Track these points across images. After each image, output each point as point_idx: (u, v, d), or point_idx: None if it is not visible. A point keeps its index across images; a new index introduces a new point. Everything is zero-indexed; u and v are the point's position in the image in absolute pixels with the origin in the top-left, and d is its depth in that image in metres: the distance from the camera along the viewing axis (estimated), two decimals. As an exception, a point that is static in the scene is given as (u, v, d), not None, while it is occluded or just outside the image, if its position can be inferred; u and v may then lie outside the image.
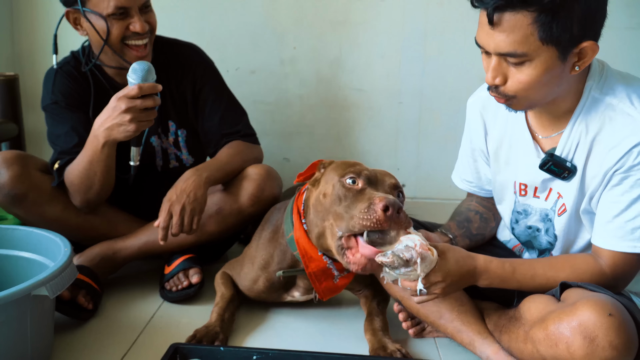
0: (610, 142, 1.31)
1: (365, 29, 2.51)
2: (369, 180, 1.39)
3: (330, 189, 1.41)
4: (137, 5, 1.77)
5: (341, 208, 1.36)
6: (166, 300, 1.83)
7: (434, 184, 2.66)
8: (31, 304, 1.29)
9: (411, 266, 1.24)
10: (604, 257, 1.35)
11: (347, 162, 1.46)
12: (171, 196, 1.73)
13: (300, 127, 2.64)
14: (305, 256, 1.51)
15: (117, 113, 1.61)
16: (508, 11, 1.20)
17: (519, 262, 1.38)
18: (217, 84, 2.01)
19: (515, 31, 1.21)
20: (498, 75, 1.29)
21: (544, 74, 1.25)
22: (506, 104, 1.35)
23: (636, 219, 1.29)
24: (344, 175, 1.39)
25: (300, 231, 1.52)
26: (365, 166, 1.45)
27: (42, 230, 1.60)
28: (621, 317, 1.14)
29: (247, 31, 2.54)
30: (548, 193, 1.48)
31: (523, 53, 1.23)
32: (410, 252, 1.24)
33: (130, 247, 1.88)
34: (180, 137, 2.00)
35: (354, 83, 2.57)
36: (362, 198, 1.33)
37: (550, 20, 1.18)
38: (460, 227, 1.65)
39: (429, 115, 2.58)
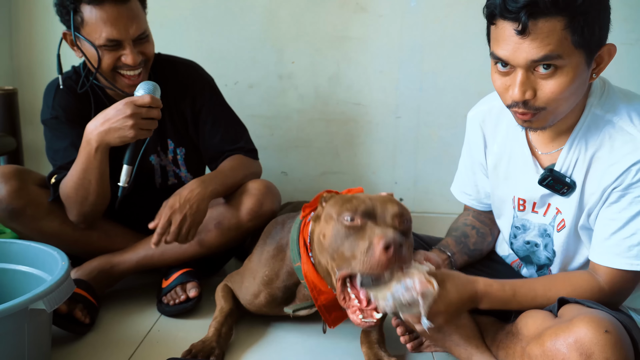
0: (609, 160, 1.31)
1: (363, 45, 2.53)
2: (368, 214, 1.32)
3: (330, 229, 1.35)
4: (131, 37, 1.73)
5: (344, 248, 1.30)
6: (163, 314, 1.82)
7: (432, 198, 2.67)
8: (28, 318, 1.29)
9: (413, 307, 1.24)
10: (602, 274, 1.35)
11: (345, 197, 1.39)
12: (174, 203, 1.73)
13: (298, 141, 2.65)
14: (315, 289, 1.48)
15: (121, 116, 1.61)
16: (541, 18, 1.19)
17: (519, 283, 1.38)
18: (217, 102, 2.01)
19: (549, 36, 1.20)
20: (527, 89, 1.27)
21: (574, 80, 1.25)
22: (532, 119, 1.32)
23: (633, 236, 1.30)
24: (341, 213, 1.32)
25: (308, 264, 1.48)
26: (364, 197, 1.38)
27: (40, 244, 1.60)
28: (617, 334, 1.14)
29: (246, 46, 2.55)
30: (547, 208, 1.48)
31: (559, 55, 1.21)
32: (410, 293, 1.22)
33: (127, 261, 1.88)
34: (179, 155, 2.00)
35: (352, 98, 2.59)
36: (362, 236, 1.27)
37: (582, 24, 1.19)
38: (458, 243, 1.65)
39: (427, 130, 2.59)
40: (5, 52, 2.59)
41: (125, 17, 1.71)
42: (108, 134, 1.64)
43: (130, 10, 1.72)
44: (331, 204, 1.40)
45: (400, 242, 1.22)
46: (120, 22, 1.70)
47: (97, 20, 1.69)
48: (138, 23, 1.74)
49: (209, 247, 1.87)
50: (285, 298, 1.66)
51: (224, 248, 1.91)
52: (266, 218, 1.85)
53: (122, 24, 1.71)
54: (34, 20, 2.59)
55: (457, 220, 1.76)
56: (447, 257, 1.60)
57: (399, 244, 1.22)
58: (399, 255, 1.23)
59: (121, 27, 1.71)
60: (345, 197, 1.40)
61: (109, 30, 1.70)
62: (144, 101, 1.63)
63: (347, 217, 1.31)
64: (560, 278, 1.40)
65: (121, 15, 1.70)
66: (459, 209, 1.84)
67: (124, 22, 1.71)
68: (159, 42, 2.52)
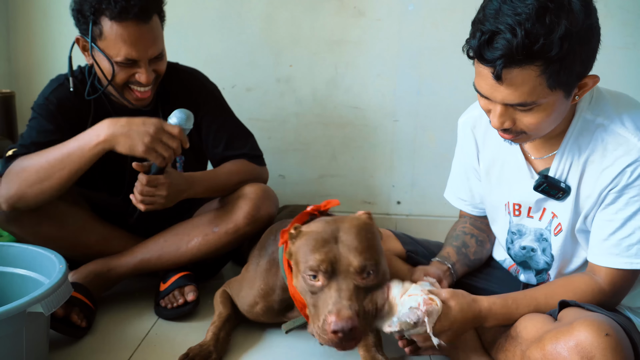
0: (603, 163, 1.32)
1: (361, 48, 2.53)
2: (331, 272, 1.30)
3: (299, 278, 1.38)
4: (148, 57, 1.73)
5: (309, 302, 1.35)
6: (161, 317, 1.82)
7: (429, 202, 2.67)
8: (26, 321, 1.29)
9: (419, 326, 1.25)
10: (601, 274, 1.36)
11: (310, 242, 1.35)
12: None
13: (296, 145, 2.65)
14: (304, 308, 1.46)
15: (143, 129, 1.60)
16: (516, 67, 1.19)
17: (521, 295, 1.38)
18: (221, 110, 2.00)
19: (523, 85, 1.21)
20: (506, 120, 1.30)
21: (552, 113, 1.27)
22: (513, 139, 1.36)
23: (631, 236, 1.31)
24: (305, 270, 1.33)
25: (293, 288, 1.46)
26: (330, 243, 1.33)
27: (37, 247, 1.60)
28: (617, 337, 1.15)
29: (244, 49, 2.56)
30: (542, 213, 1.49)
31: (532, 102, 1.24)
32: (415, 314, 1.25)
33: (125, 265, 1.87)
34: (178, 162, 1.99)
35: (349, 101, 2.59)
36: (324, 300, 1.29)
37: (557, 69, 1.19)
38: (459, 253, 1.65)
39: (424, 134, 2.60)
40: (3, 55, 2.59)
41: (146, 38, 1.70)
42: (122, 137, 1.61)
43: (151, 30, 1.71)
44: (299, 246, 1.38)
45: (350, 327, 1.22)
46: (141, 43, 1.69)
47: (117, 37, 1.67)
48: (157, 44, 1.74)
49: (207, 251, 1.86)
50: (283, 308, 1.65)
51: (221, 252, 1.90)
52: (263, 222, 1.84)
53: (142, 45, 1.69)
54: (31, 23, 2.59)
55: (455, 228, 1.76)
56: (448, 269, 1.60)
57: (348, 329, 1.22)
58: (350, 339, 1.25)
59: (141, 47, 1.69)
60: (311, 241, 1.35)
61: (127, 50, 1.68)
62: (172, 130, 1.62)
63: (311, 275, 1.32)
64: (560, 284, 1.40)
65: (142, 35, 1.69)
66: (456, 212, 1.84)
67: (144, 43, 1.69)
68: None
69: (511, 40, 1.16)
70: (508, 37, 1.16)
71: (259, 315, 1.69)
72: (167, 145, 1.62)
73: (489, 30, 1.19)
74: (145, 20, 1.69)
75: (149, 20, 1.70)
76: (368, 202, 2.69)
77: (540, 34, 1.15)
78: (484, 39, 1.20)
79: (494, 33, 1.19)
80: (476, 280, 1.67)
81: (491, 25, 1.19)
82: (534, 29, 1.15)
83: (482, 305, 1.34)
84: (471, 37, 1.25)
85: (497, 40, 1.18)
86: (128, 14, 1.65)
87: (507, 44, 1.17)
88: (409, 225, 2.66)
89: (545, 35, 1.15)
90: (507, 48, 1.17)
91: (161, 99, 1.92)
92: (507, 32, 1.17)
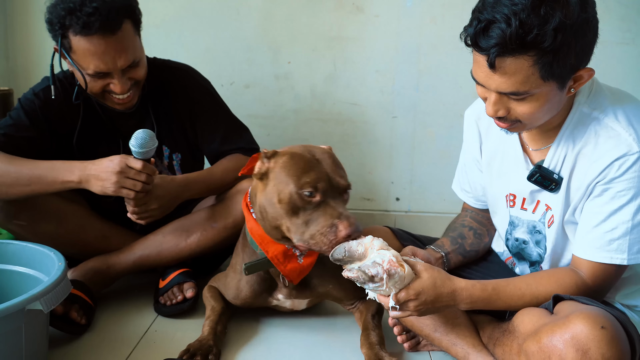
0: (593, 155, 1.33)
1: (359, 45, 2.53)
2: (325, 190, 1.42)
3: (286, 197, 1.42)
4: (119, 68, 1.69)
5: (299, 220, 1.42)
6: (160, 314, 1.82)
7: (428, 198, 2.68)
8: (25, 319, 1.29)
9: (377, 282, 1.25)
10: (584, 268, 1.36)
11: (298, 163, 1.46)
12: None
13: (294, 141, 2.63)
14: (262, 243, 1.54)
15: (109, 170, 1.62)
16: (509, 56, 1.21)
17: (503, 283, 1.38)
18: (215, 106, 2.00)
19: (516, 74, 1.23)
20: (500, 108, 1.32)
21: (545, 104, 1.29)
22: (509, 128, 1.37)
23: (614, 230, 1.31)
24: (302, 186, 1.41)
25: (251, 222, 1.56)
26: (316, 163, 1.46)
27: (37, 244, 1.60)
28: (613, 330, 1.15)
29: (242, 46, 2.55)
30: (536, 205, 1.49)
31: (525, 92, 1.25)
32: (376, 268, 1.25)
33: (124, 262, 1.88)
34: (174, 160, 1.99)
35: (348, 98, 2.59)
36: (323, 212, 1.41)
37: (550, 60, 1.21)
38: (454, 243, 1.66)
39: (423, 130, 2.60)
40: (1, 53, 2.59)
41: (113, 49, 1.66)
42: (93, 179, 1.64)
43: (119, 41, 1.66)
44: (283, 165, 1.46)
45: (359, 231, 1.37)
46: (108, 55, 1.65)
47: (84, 51, 1.65)
48: (127, 54, 1.69)
49: (205, 246, 1.87)
50: (267, 287, 1.67)
51: (220, 247, 1.91)
52: (262, 217, 1.85)
53: (109, 57, 1.66)
54: (30, 21, 2.59)
55: (455, 220, 1.77)
56: (441, 256, 1.60)
57: (357, 233, 1.36)
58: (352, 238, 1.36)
59: (108, 60, 1.66)
60: (297, 162, 1.46)
61: (96, 63, 1.66)
62: (135, 165, 1.62)
63: (307, 192, 1.40)
64: (544, 275, 1.40)
65: (109, 48, 1.65)
66: (456, 208, 1.85)
67: (111, 55, 1.66)
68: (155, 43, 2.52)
69: (505, 30, 1.18)
70: (502, 27, 1.19)
71: (246, 298, 1.70)
72: (135, 180, 1.63)
73: (485, 19, 1.22)
74: (112, 32, 1.64)
75: (116, 31, 1.65)
76: (367, 199, 2.70)
77: (534, 25, 1.17)
78: (480, 27, 1.22)
79: (489, 22, 1.21)
80: (471, 273, 1.67)
81: (488, 14, 1.21)
82: (528, 20, 1.17)
83: (457, 284, 1.33)
84: (469, 25, 1.28)
85: (492, 29, 1.21)
86: (90, 29, 1.61)
87: (502, 33, 1.19)
88: (408, 222, 2.67)
89: (539, 26, 1.17)
90: (501, 37, 1.19)
91: (151, 99, 1.91)
92: (502, 21, 1.19)
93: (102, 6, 1.61)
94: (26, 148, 1.78)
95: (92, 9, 1.60)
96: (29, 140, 1.79)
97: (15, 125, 1.78)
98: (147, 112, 1.90)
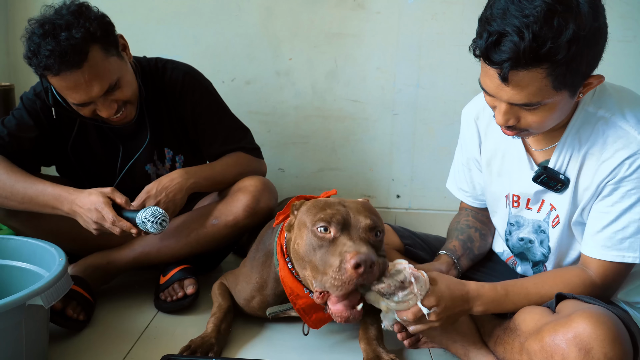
0: (603, 155, 1.32)
1: (360, 42, 2.53)
2: (342, 225, 1.31)
3: (303, 238, 1.35)
4: (97, 96, 1.67)
5: (316, 259, 1.30)
6: (161, 310, 1.82)
7: (428, 195, 2.68)
8: (26, 314, 1.29)
9: (407, 288, 1.25)
10: (594, 267, 1.36)
11: (318, 204, 1.38)
12: (150, 189, 1.73)
13: (295, 138, 2.65)
14: (292, 294, 1.48)
15: (88, 216, 1.64)
16: (522, 69, 1.18)
17: (511, 283, 1.38)
18: (216, 107, 1.99)
19: (529, 86, 1.21)
20: (510, 118, 1.30)
21: (556, 111, 1.27)
22: (517, 135, 1.36)
23: (625, 229, 1.31)
24: (315, 223, 1.32)
25: (284, 270, 1.47)
26: (338, 205, 1.37)
27: (37, 240, 1.60)
28: (616, 329, 1.15)
29: (243, 42, 2.55)
30: (540, 205, 1.49)
31: (538, 102, 1.24)
32: (402, 273, 1.25)
33: (124, 258, 1.87)
34: (177, 162, 1.98)
35: (349, 94, 2.59)
36: (334, 250, 1.27)
37: (564, 72, 1.18)
38: (464, 247, 1.65)
39: (424, 127, 2.60)
40: (2, 49, 2.58)
41: (83, 81, 1.63)
42: (77, 216, 1.67)
43: (89, 71, 1.62)
44: (304, 211, 1.40)
45: (372, 261, 1.22)
46: (80, 87, 1.64)
47: (60, 87, 1.65)
48: (100, 81, 1.65)
49: (206, 243, 1.87)
50: (278, 303, 1.64)
51: (221, 245, 1.91)
52: (263, 215, 1.85)
53: (82, 89, 1.64)
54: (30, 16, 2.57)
55: (458, 220, 1.76)
56: (453, 262, 1.60)
57: (370, 263, 1.22)
58: (371, 274, 1.23)
59: (82, 92, 1.65)
60: (318, 203, 1.38)
61: (73, 96, 1.66)
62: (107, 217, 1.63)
63: (321, 228, 1.30)
64: (552, 275, 1.41)
65: (79, 81, 1.63)
66: (456, 205, 1.84)
67: (83, 87, 1.64)
68: (156, 39, 2.52)
69: (518, 44, 1.15)
70: (515, 40, 1.15)
71: (255, 309, 1.69)
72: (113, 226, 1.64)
73: (496, 32, 1.18)
74: (78, 66, 1.60)
75: (81, 64, 1.60)
76: (367, 196, 2.69)
77: (548, 37, 1.14)
78: (491, 40, 1.18)
79: (501, 35, 1.17)
80: (474, 273, 1.67)
81: (498, 26, 1.17)
82: (541, 32, 1.13)
83: (469, 286, 1.34)
84: (478, 37, 1.23)
85: (504, 43, 1.17)
86: (52, 70, 1.60)
87: (515, 46, 1.15)
88: (408, 219, 2.67)
89: (553, 38, 1.13)
90: (514, 51, 1.16)
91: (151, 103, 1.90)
92: (514, 34, 1.15)
93: (56, 47, 1.57)
94: (29, 147, 1.80)
95: (47, 51, 1.57)
96: (32, 141, 1.81)
97: (18, 125, 1.80)
98: (145, 117, 1.90)
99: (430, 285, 1.29)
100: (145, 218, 1.63)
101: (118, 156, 1.92)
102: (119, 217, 1.63)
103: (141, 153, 1.91)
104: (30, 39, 1.61)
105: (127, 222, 1.64)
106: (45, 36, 1.58)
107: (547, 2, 1.14)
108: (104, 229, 1.66)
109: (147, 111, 1.89)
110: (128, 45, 1.80)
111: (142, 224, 1.63)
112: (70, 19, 1.61)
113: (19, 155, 1.78)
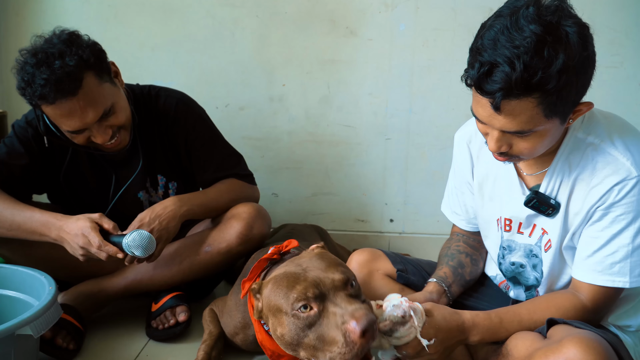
0: (592, 181, 1.34)
1: (352, 68, 2.55)
2: (320, 294, 1.21)
3: (285, 325, 1.24)
4: (91, 122, 1.68)
5: (310, 339, 1.21)
6: (152, 338, 1.80)
7: (422, 219, 2.68)
8: (15, 344, 1.28)
9: (408, 322, 1.24)
10: (584, 291, 1.37)
11: (282, 283, 1.26)
12: (144, 217, 1.72)
13: (288, 163, 2.65)
14: (273, 355, 1.40)
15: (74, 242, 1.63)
16: (514, 99, 1.20)
17: (503, 310, 1.38)
18: (209, 134, 2.00)
19: (521, 114, 1.22)
20: (503, 144, 1.31)
21: (546, 138, 1.29)
22: (508, 161, 1.38)
23: (615, 253, 1.32)
24: (292, 306, 1.21)
25: (262, 334, 1.40)
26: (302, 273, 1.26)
27: (27, 268, 1.59)
28: (606, 354, 1.15)
29: (237, 69, 2.57)
30: (532, 229, 1.49)
31: (529, 130, 1.25)
32: (401, 307, 1.25)
33: (116, 286, 1.86)
34: (171, 189, 1.99)
35: (342, 120, 2.60)
36: (328, 324, 1.18)
37: (554, 100, 1.20)
38: (455, 274, 1.65)
39: (416, 152, 2.61)
40: (-5, 76, 2.59)
41: (78, 108, 1.64)
42: (65, 243, 1.66)
43: (84, 98, 1.63)
44: (270, 295, 1.28)
45: (373, 320, 1.16)
46: (75, 114, 1.65)
47: (53, 115, 1.66)
48: (95, 107, 1.66)
49: (199, 270, 1.86)
50: None
51: (213, 272, 1.90)
52: (256, 242, 1.84)
53: (77, 116, 1.65)
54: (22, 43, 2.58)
55: (449, 246, 1.75)
56: (444, 291, 1.59)
57: (373, 322, 1.16)
58: (375, 332, 1.18)
59: (76, 119, 1.65)
60: (281, 282, 1.27)
61: (67, 124, 1.67)
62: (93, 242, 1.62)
63: (301, 307, 1.21)
64: (544, 300, 1.41)
65: (74, 108, 1.64)
66: (449, 229, 1.84)
67: (78, 114, 1.65)
68: (150, 66, 2.54)
69: (510, 74, 1.16)
70: (507, 70, 1.17)
71: (238, 344, 1.67)
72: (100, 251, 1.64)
73: (487, 62, 1.19)
74: (73, 94, 1.61)
75: (76, 91, 1.62)
76: (361, 220, 2.69)
77: (539, 68, 1.15)
78: (483, 70, 1.20)
79: (492, 65, 1.19)
80: (466, 298, 1.66)
81: (489, 56, 1.19)
82: (532, 63, 1.15)
83: (464, 316, 1.34)
84: (470, 67, 1.25)
85: (495, 73, 1.18)
86: (47, 99, 1.61)
87: (506, 77, 1.17)
88: (401, 243, 2.67)
89: (544, 69, 1.15)
90: (505, 81, 1.17)
91: (143, 130, 1.91)
92: (505, 64, 1.17)
93: (51, 76, 1.58)
94: (20, 174, 1.80)
95: (43, 80, 1.58)
96: (22, 168, 1.81)
97: (9, 153, 1.80)
98: (137, 144, 1.90)
99: (426, 317, 1.28)
100: (131, 241, 1.62)
101: (111, 184, 1.92)
102: (105, 242, 1.62)
103: (134, 180, 1.91)
104: (22, 69, 1.62)
105: (114, 247, 1.63)
106: (39, 65, 1.59)
107: (537, 33, 1.16)
108: (90, 254, 1.64)
109: (140, 138, 1.90)
110: (120, 72, 1.81)
111: (128, 247, 1.62)
112: (62, 47, 1.62)
113: (9, 183, 1.78)
